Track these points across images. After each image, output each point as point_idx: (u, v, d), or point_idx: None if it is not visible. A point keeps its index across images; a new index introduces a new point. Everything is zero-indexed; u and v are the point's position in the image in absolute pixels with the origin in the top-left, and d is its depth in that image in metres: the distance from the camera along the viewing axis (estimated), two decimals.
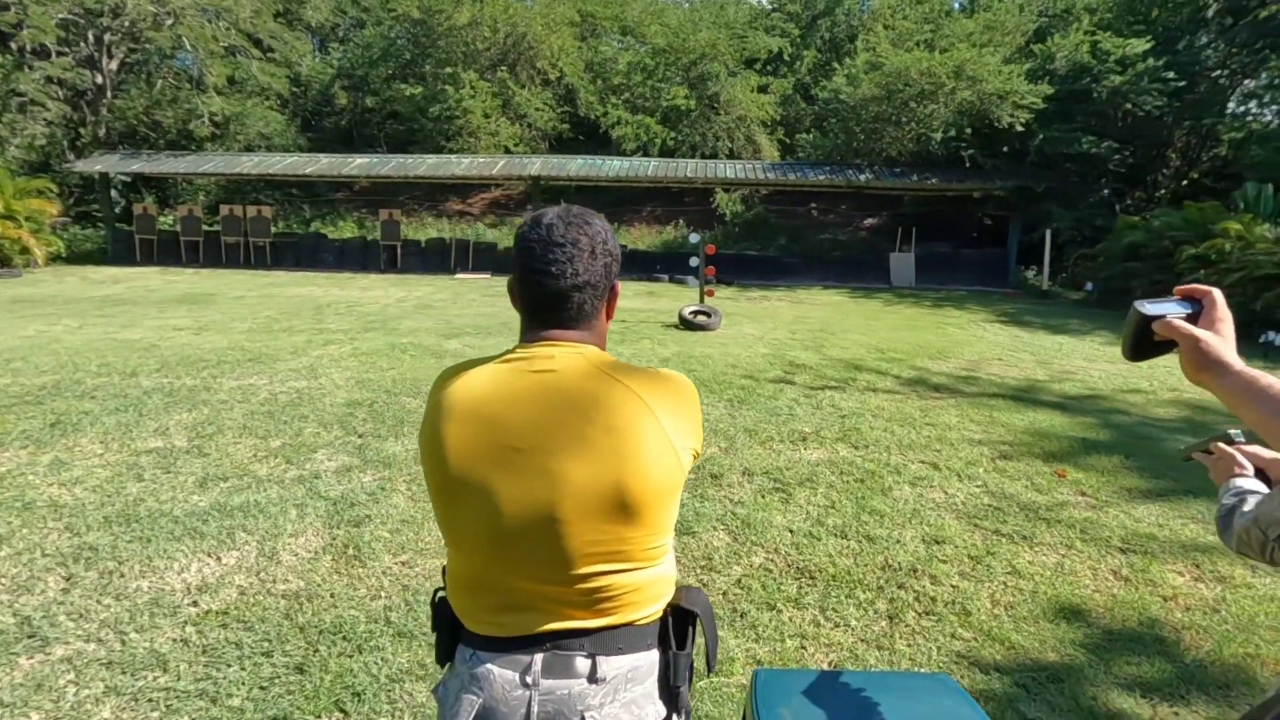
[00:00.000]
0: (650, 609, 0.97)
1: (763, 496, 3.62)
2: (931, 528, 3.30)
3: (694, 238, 9.83)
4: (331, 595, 2.58)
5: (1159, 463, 4.30)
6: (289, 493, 3.46)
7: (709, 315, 9.26)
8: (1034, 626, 2.51)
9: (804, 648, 2.37)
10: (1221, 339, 0.89)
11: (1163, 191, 16.40)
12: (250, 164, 16.51)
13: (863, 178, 15.74)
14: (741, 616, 2.54)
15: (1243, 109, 16.95)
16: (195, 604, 2.51)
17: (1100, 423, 5.20)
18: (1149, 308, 0.95)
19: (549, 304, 0.96)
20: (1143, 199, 16.53)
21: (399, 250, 16.19)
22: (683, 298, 11.84)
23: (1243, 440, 1.36)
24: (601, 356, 0.97)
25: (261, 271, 15.21)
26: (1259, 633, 2.50)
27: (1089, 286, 13.44)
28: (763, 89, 20.14)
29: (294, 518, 3.20)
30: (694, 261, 9.63)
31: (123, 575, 2.68)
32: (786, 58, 21.28)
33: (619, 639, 0.94)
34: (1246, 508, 1.17)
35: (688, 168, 16.35)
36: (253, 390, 5.31)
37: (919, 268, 16.00)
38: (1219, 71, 16.11)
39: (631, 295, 12.97)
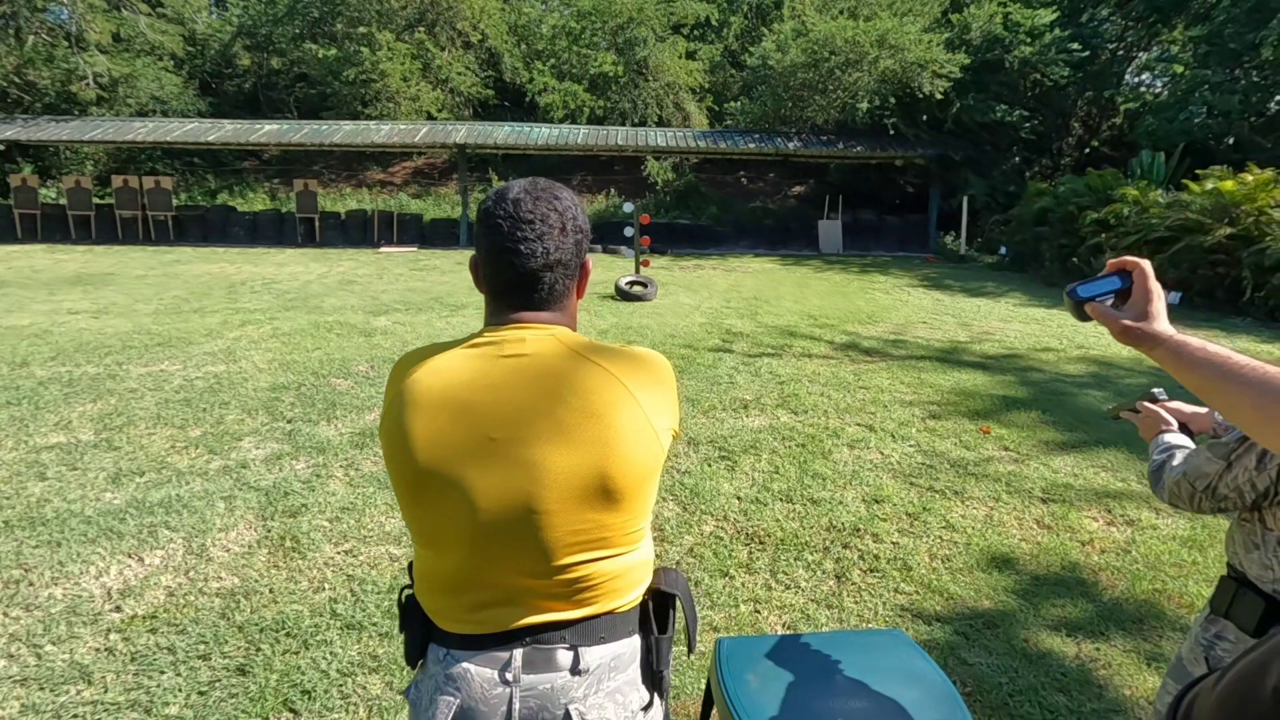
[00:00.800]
0: (631, 595, 0.95)
1: (709, 465, 3.67)
2: (871, 488, 3.43)
3: (628, 207, 9.74)
4: (271, 590, 2.46)
5: (1072, 416, 4.60)
6: (215, 485, 3.27)
7: (645, 285, 9.24)
8: (969, 577, 2.66)
9: (758, 611, 2.43)
10: (1149, 314, 0.92)
11: (1067, 159, 17.33)
12: (144, 130, 15.19)
13: (791, 146, 15.93)
14: (695, 585, 2.58)
15: (1137, 80, 18.04)
16: (118, 609, 2.34)
17: (1018, 380, 5.51)
18: (1081, 290, 0.97)
19: (519, 285, 0.91)
20: (1049, 166, 17.43)
21: (317, 223, 15.36)
22: (617, 268, 11.76)
23: (1165, 397, 1.45)
24: (575, 338, 0.93)
25: (164, 248, 14.15)
26: (1164, 570, 2.73)
27: (1003, 250, 14.13)
28: (691, 55, 19.98)
29: (222, 511, 3.02)
30: (629, 231, 9.56)
31: (31, 584, 2.47)
32: (714, 23, 21.13)
33: (600, 628, 0.92)
34: (1175, 462, 1.25)
35: (618, 135, 16.12)
36: (165, 377, 4.96)
37: (846, 234, 16.43)
38: (1116, 44, 17.04)
39: None
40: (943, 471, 3.66)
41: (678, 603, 1.00)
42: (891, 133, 15.50)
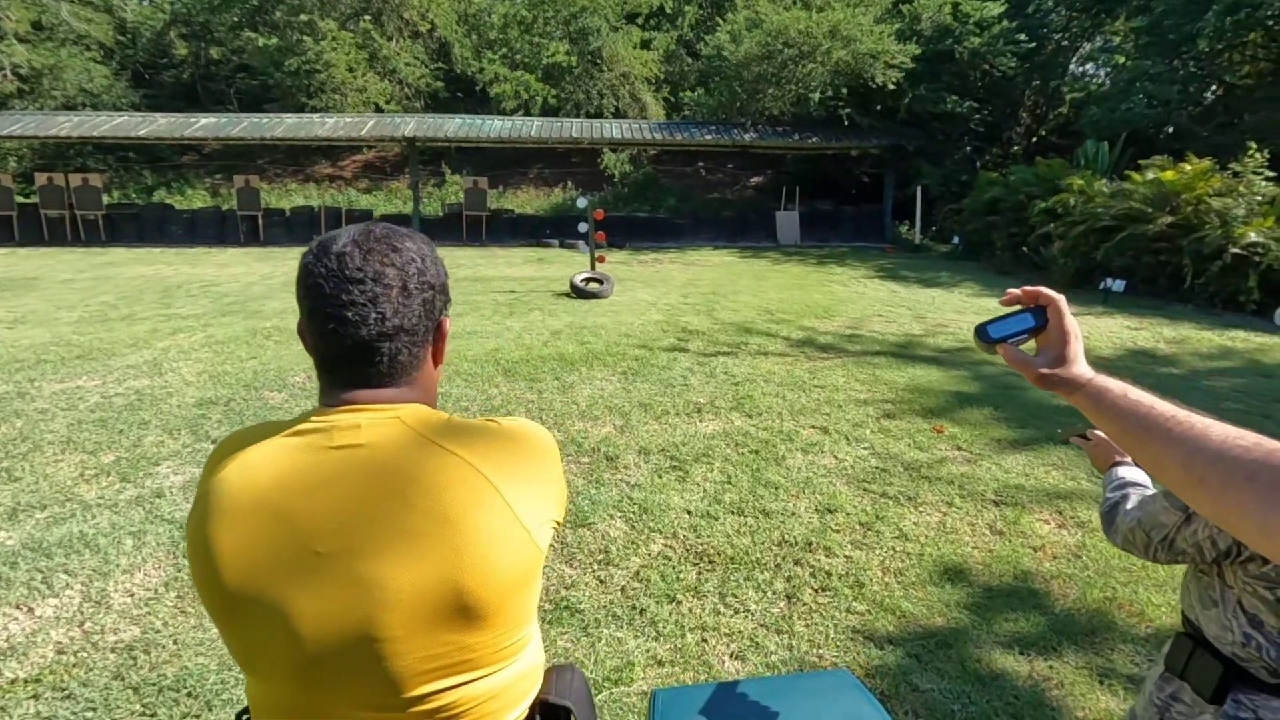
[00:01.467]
0: (510, 715, 0.80)
1: (659, 477, 3.54)
2: (824, 496, 3.34)
3: (582, 202, 9.54)
4: (175, 642, 2.25)
5: (1023, 412, 4.60)
6: (124, 518, 3.01)
7: (601, 282, 9.07)
8: (922, 592, 2.58)
9: (705, 640, 2.32)
10: (1065, 357, 0.80)
11: (1016, 148, 17.64)
12: (69, 125, 14.36)
13: (747, 137, 15.88)
14: (641, 613, 2.45)
15: (1081, 70, 18.45)
16: None
17: (971, 375, 5.51)
18: (992, 331, 0.85)
19: (349, 358, 0.74)
20: (999, 156, 17.73)
21: (260, 221, 14.76)
22: (574, 264, 11.56)
23: None
24: (426, 419, 0.76)
25: (96, 249, 13.44)
26: (1115, 575, 2.70)
27: (956, 240, 14.33)
28: (646, 45, 19.77)
29: (130, 549, 2.78)
30: (583, 227, 9.37)
31: None
32: (669, 11, 20.94)
33: None
34: (1129, 505, 1.15)
35: (573, 127, 15.85)
36: (80, 394, 4.62)
37: (803, 225, 16.48)
38: (1061, 34, 17.37)
39: (521, 262, 12.54)
40: (896, 475, 3.60)
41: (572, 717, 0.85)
42: (846, 123, 15.56)
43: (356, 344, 0.73)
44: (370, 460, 0.71)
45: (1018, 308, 0.85)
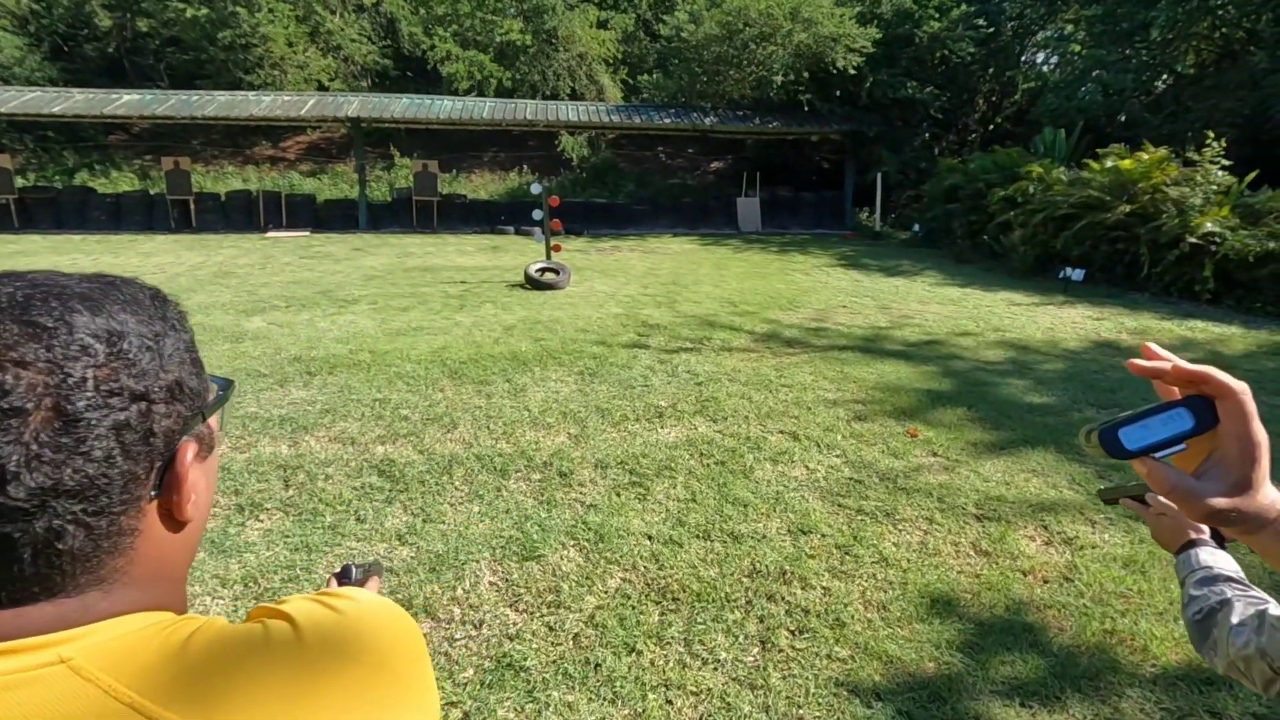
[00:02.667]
0: None
1: (618, 495, 3.22)
2: (797, 515, 3.07)
3: (535, 188, 9.10)
4: None
5: (996, 411, 4.42)
6: None
7: (557, 272, 8.68)
8: (908, 630, 2.33)
9: (670, 702, 2.01)
10: (1252, 480, 0.52)
11: (974, 136, 17.73)
12: None
13: (708, 121, 15.55)
14: (596, 669, 2.13)
15: (1038, 59, 18.61)
16: None
17: (940, 370, 5.33)
18: (1127, 438, 0.53)
19: None
20: (956, 143, 17.79)
21: (192, 205, 13.85)
22: (529, 252, 11.11)
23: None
24: (130, 656, 0.40)
25: (6, 237, 12.41)
26: (1111, 604, 2.49)
27: (916, 227, 14.31)
28: (603, 25, 19.22)
29: None
30: (538, 214, 8.93)
31: None
32: None
33: None
34: (1235, 618, 0.87)
35: (528, 109, 15.28)
36: None
37: (763, 211, 16.28)
38: (1016, 21, 17.45)
39: (474, 251, 12.02)
40: (872, 487, 3.35)
41: None
42: (807, 109, 15.37)
43: None
44: None
45: (1156, 403, 0.54)
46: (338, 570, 0.93)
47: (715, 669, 2.15)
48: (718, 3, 15.10)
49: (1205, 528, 1.01)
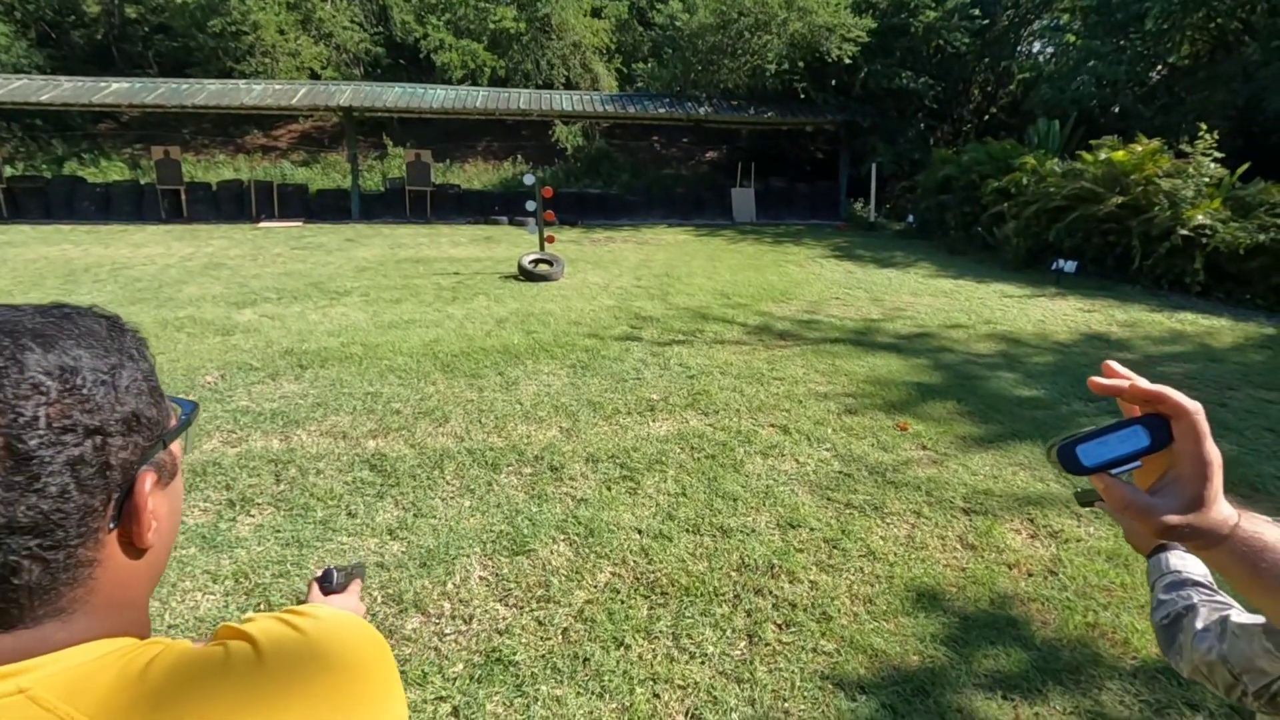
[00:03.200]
0: None
1: (608, 489, 3.24)
2: (786, 508, 3.09)
3: (529, 179, 9.06)
4: None
5: (985, 405, 4.45)
6: None
7: (551, 264, 8.66)
8: (894, 624, 2.36)
9: (657, 696, 2.04)
10: (1204, 498, 0.54)
11: (968, 126, 17.69)
12: None
13: (702, 110, 15.48)
14: (585, 663, 2.15)
15: (1033, 50, 18.54)
16: None
17: (931, 364, 5.35)
18: (1084, 454, 0.55)
19: None
20: (950, 134, 17.75)
21: (183, 195, 13.74)
22: (523, 243, 11.08)
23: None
24: (86, 684, 0.41)
25: None
26: (1095, 597, 2.52)
27: (910, 218, 14.30)
28: (597, 13, 19.08)
29: None
30: (531, 205, 8.90)
31: None
32: None
33: None
34: (1200, 622, 0.89)
35: (521, 99, 15.17)
36: None
37: (758, 202, 16.24)
38: (1011, 11, 17.38)
39: (467, 242, 11.97)
40: (861, 481, 3.38)
41: None
42: (802, 98, 15.30)
43: None
44: None
45: (1112, 420, 0.56)
46: (319, 574, 0.94)
47: (702, 663, 2.17)
48: None
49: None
